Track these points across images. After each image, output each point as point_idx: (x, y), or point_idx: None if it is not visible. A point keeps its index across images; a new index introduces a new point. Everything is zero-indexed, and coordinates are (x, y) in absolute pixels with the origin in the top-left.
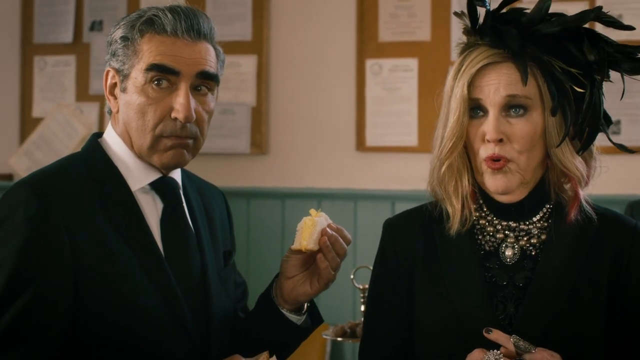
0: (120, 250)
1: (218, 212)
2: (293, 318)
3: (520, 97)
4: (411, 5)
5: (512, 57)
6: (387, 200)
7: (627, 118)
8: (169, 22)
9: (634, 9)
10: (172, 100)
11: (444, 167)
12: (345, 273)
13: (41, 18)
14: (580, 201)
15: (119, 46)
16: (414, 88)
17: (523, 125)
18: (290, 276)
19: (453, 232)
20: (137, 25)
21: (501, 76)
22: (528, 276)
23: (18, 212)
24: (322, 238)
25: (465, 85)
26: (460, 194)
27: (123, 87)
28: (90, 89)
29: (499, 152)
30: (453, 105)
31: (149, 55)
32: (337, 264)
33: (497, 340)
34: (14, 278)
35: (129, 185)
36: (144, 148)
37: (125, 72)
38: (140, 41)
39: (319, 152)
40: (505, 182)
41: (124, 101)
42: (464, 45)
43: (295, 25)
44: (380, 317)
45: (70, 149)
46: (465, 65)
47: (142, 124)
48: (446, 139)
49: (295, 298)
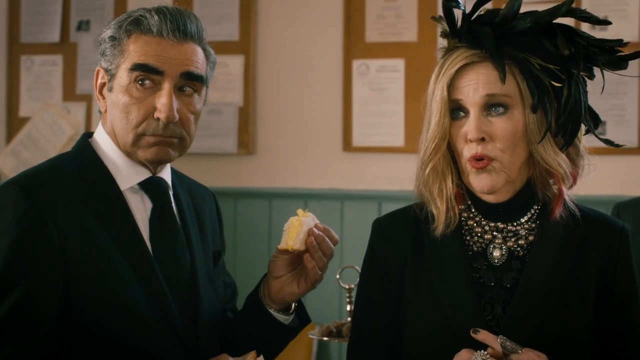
0: (109, 250)
1: (208, 213)
2: (281, 318)
3: (500, 95)
4: (398, 6)
5: (489, 57)
6: (374, 200)
7: (612, 119)
8: (154, 22)
9: (618, 10)
10: (155, 100)
11: (427, 169)
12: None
13: (28, 17)
14: (565, 199)
15: (107, 46)
16: (401, 88)
17: (504, 124)
18: (277, 276)
19: (438, 233)
20: (124, 25)
21: (479, 76)
22: (515, 277)
23: (7, 212)
24: (309, 238)
25: (445, 87)
26: (444, 196)
27: (110, 86)
28: (77, 88)
29: (481, 151)
30: (434, 108)
31: (134, 55)
32: (324, 263)
33: (484, 340)
34: (3, 277)
35: (118, 184)
36: (128, 145)
37: (112, 71)
38: (127, 41)
39: (306, 152)
40: (490, 182)
41: (111, 101)
42: (445, 49)
43: (282, 25)
44: (369, 317)
45: (57, 148)
46: (445, 68)
47: (126, 123)
48: (428, 141)
49: (282, 298)
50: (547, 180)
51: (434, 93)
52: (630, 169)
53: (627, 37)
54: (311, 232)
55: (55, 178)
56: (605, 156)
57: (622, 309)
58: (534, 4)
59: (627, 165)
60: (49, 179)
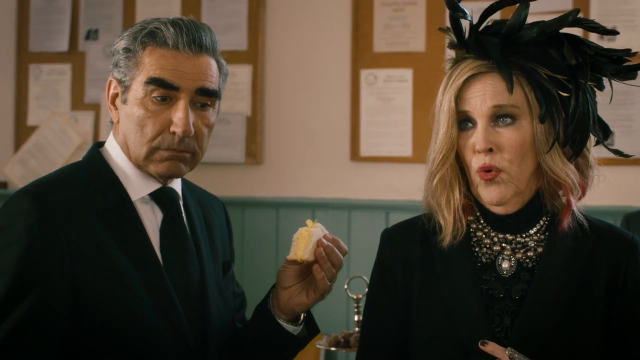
0: (119, 260)
1: (218, 223)
2: (290, 328)
3: (507, 106)
4: (406, 15)
5: (497, 67)
6: (381, 210)
7: (620, 130)
8: (170, 35)
9: (626, 20)
10: (171, 114)
11: (435, 180)
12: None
13: (37, 26)
14: (573, 210)
15: (121, 57)
16: (409, 98)
17: (512, 134)
18: (286, 286)
19: (445, 244)
20: (140, 37)
21: (487, 87)
22: (524, 289)
23: (19, 221)
24: (318, 249)
25: (452, 98)
26: (452, 207)
27: (124, 98)
28: (86, 97)
29: (489, 162)
30: (442, 118)
31: (150, 68)
32: (332, 274)
33: (492, 352)
34: (14, 286)
35: (128, 194)
36: (140, 158)
37: (126, 83)
38: (142, 53)
39: (314, 161)
40: (499, 193)
41: (124, 112)
42: (452, 60)
43: (290, 35)
44: (377, 327)
45: (65, 157)
46: (452, 79)
47: (140, 136)
48: (436, 152)
49: (291, 308)
50: (555, 191)
51: (441, 104)
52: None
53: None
54: (320, 242)
55: (66, 188)
56: (614, 167)
57: (632, 321)
58: (540, 15)
59: (636, 175)
60: (60, 189)
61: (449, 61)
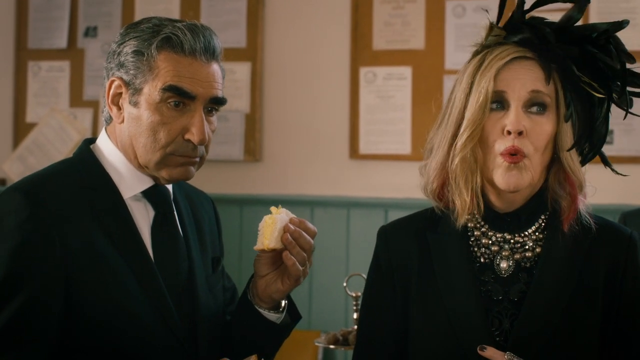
0: (110, 257)
1: (207, 219)
2: (272, 317)
3: (544, 94)
4: (405, 13)
5: (537, 56)
6: (380, 208)
7: (619, 127)
8: (187, 41)
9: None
10: (186, 121)
11: (457, 160)
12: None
13: (36, 23)
14: (579, 209)
15: (130, 59)
16: (408, 96)
17: (544, 123)
18: (262, 275)
19: (459, 225)
20: (155, 41)
21: (527, 72)
22: (523, 290)
23: (10, 218)
24: (284, 235)
25: (492, 78)
26: (471, 188)
27: (134, 100)
28: (84, 94)
29: (518, 144)
30: (474, 98)
31: (166, 74)
32: (303, 258)
33: (491, 357)
34: (4, 283)
35: (120, 192)
36: (152, 163)
37: (136, 86)
38: (157, 58)
39: (313, 159)
40: (518, 179)
41: (134, 115)
42: (481, 45)
43: (289, 32)
44: (374, 326)
45: (63, 154)
46: (490, 60)
47: (153, 142)
48: (465, 128)
49: (269, 296)
50: (559, 188)
51: (471, 86)
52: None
53: (635, 45)
54: (287, 228)
55: (58, 184)
56: (613, 165)
57: (630, 318)
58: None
59: (634, 174)
60: (52, 185)
61: (475, 45)
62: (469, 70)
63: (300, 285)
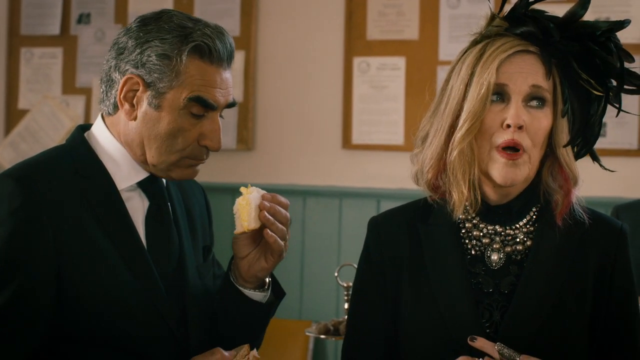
0: (103, 246)
1: (198, 208)
2: (257, 296)
3: (544, 89)
4: (400, 3)
5: (539, 50)
6: (373, 198)
7: (612, 121)
8: (216, 50)
9: (621, 12)
10: (203, 128)
11: (456, 152)
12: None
13: (28, 10)
14: (572, 204)
15: (154, 61)
16: (401, 86)
17: (541, 118)
18: (243, 256)
19: (455, 217)
20: (186, 49)
21: (528, 66)
22: (513, 282)
23: (2, 205)
24: (262, 213)
25: (494, 70)
26: (468, 180)
27: (155, 103)
28: (77, 81)
29: (517, 137)
30: (475, 89)
31: (193, 83)
32: (283, 232)
33: (481, 348)
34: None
35: (115, 182)
36: (164, 164)
37: (160, 89)
38: (185, 64)
39: (305, 149)
40: (516, 173)
41: (152, 117)
42: (480, 35)
43: (283, 21)
44: (364, 316)
45: (55, 141)
46: (492, 51)
47: (169, 145)
48: (464, 120)
49: (254, 275)
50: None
51: (470, 76)
52: (630, 171)
53: (630, 38)
54: (262, 206)
55: (51, 171)
56: (606, 157)
57: (620, 310)
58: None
59: (627, 167)
60: (44, 172)
61: (474, 35)
62: (468, 59)
63: (292, 274)
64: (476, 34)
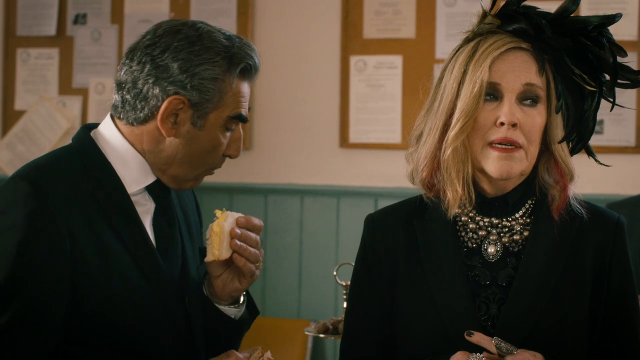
0: (115, 248)
1: (191, 209)
2: (231, 312)
3: (537, 87)
4: (396, 2)
5: (531, 47)
6: (370, 197)
7: (609, 117)
8: (255, 68)
9: (617, 9)
10: (230, 138)
11: (449, 150)
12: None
13: (25, 10)
14: (569, 198)
15: (207, 84)
16: (398, 85)
17: (535, 115)
18: (216, 275)
19: (450, 216)
20: (235, 72)
21: (521, 63)
22: (511, 274)
23: (18, 208)
24: (233, 241)
25: (487, 68)
26: (462, 178)
27: (199, 124)
28: (73, 82)
29: (511, 135)
30: (468, 87)
31: (234, 102)
32: (254, 256)
33: (478, 342)
34: (12, 275)
35: (124, 184)
36: (188, 176)
37: (205, 110)
38: (231, 86)
39: (303, 148)
40: (511, 166)
41: (192, 135)
42: (472, 33)
43: (280, 21)
44: (361, 314)
45: (52, 142)
46: (484, 49)
47: (202, 160)
48: (457, 118)
49: (228, 294)
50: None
51: (463, 74)
52: (627, 168)
53: (626, 35)
54: (233, 233)
55: (62, 173)
56: (602, 155)
57: (618, 303)
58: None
59: (624, 164)
60: (56, 174)
61: (466, 32)
62: (461, 58)
63: (290, 274)
64: (468, 32)
